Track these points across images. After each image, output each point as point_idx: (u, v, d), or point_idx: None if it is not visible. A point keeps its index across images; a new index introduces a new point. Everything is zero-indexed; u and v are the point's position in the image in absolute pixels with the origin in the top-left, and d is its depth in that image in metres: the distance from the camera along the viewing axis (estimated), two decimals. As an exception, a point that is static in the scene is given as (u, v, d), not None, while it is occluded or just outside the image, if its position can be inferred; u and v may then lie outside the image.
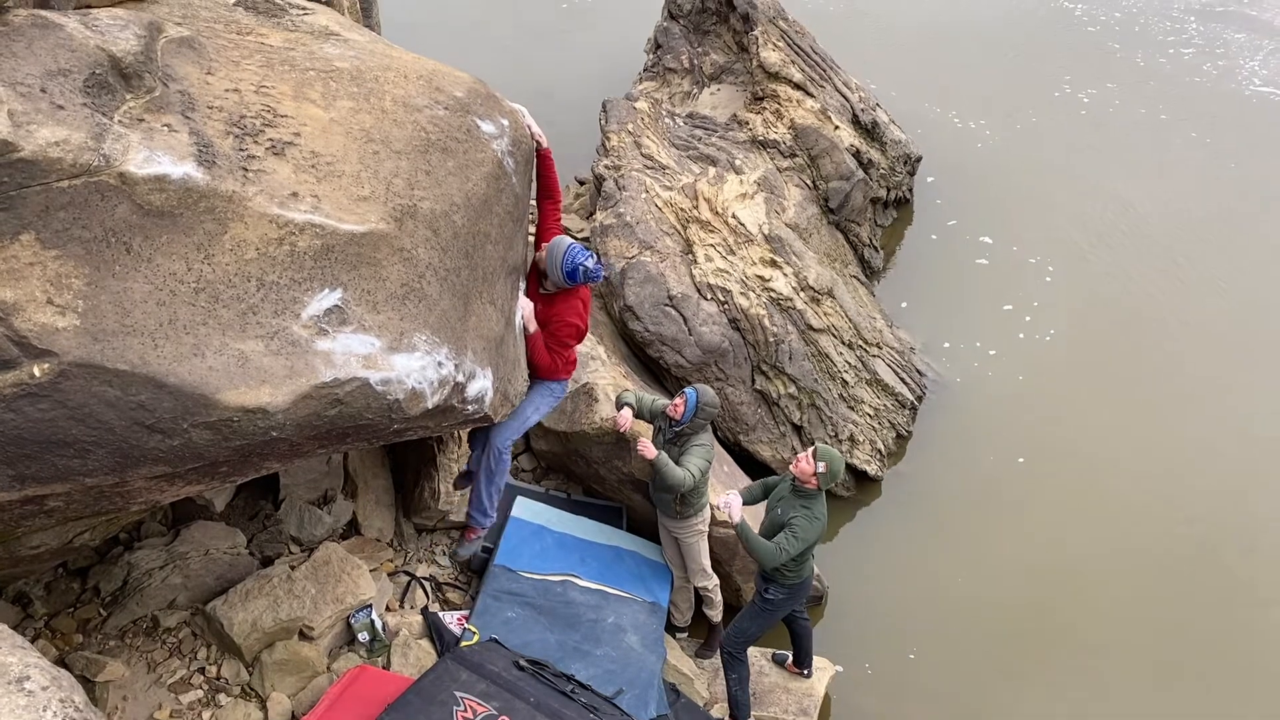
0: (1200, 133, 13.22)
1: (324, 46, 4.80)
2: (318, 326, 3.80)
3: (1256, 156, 12.81)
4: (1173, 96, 13.92)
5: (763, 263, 8.61)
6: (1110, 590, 8.12)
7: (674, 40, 12.08)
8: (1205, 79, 14.32)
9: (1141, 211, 11.99)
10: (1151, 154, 12.89)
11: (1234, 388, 9.83)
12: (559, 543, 7.12)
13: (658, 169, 9.37)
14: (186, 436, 3.63)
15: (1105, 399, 9.67)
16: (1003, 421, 9.45)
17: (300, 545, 6.64)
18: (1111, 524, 8.56)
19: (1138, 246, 11.49)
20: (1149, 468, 9.00)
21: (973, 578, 8.21)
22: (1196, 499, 8.74)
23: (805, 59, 11.08)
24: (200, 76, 4.09)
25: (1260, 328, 10.51)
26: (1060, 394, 9.71)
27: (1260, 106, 13.76)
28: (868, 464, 8.68)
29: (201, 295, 3.63)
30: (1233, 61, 14.75)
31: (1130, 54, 14.87)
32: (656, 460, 6.34)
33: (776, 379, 8.39)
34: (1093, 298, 10.78)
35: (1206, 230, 11.77)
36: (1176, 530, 8.50)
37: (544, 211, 5.45)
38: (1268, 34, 15.64)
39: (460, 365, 4.22)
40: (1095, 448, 9.17)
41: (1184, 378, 9.90)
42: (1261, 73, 14.50)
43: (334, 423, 3.89)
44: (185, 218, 3.62)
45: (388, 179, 4.20)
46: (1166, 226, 11.80)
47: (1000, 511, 8.70)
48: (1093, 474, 8.95)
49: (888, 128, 11.33)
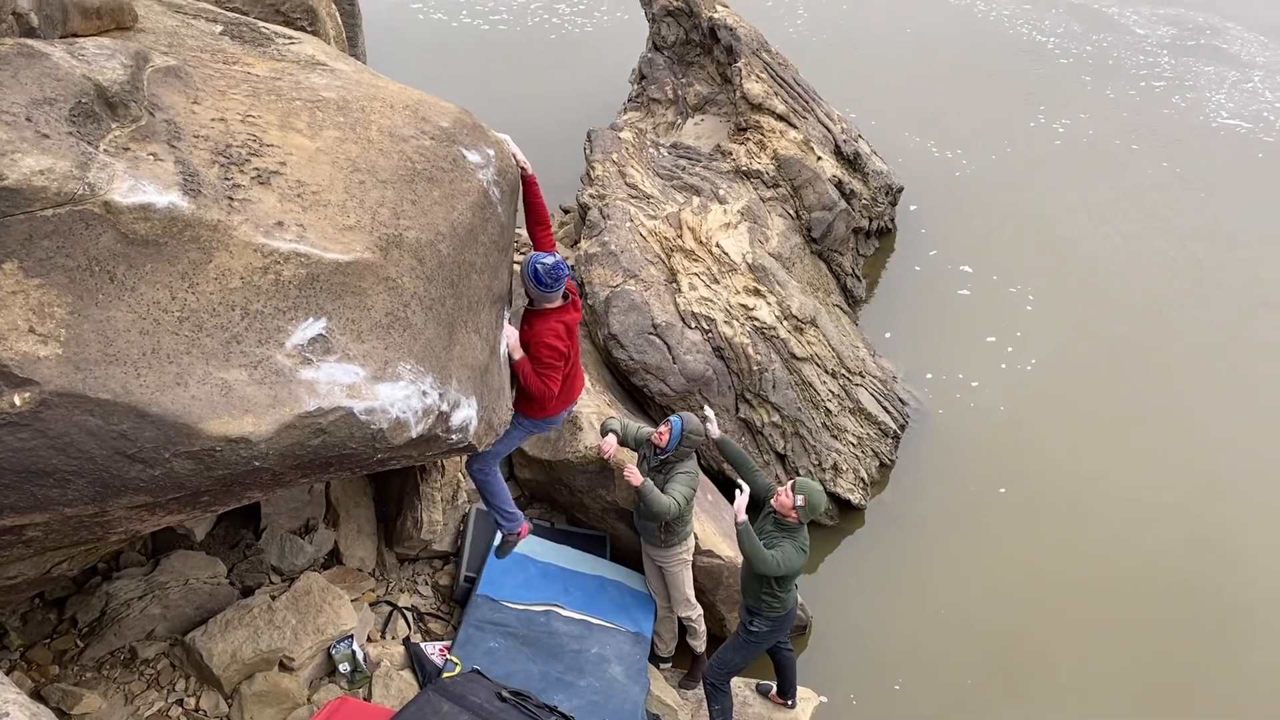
0: (1171, 162, 13.50)
1: (310, 76, 4.82)
2: (302, 356, 3.79)
3: (1225, 187, 13.10)
4: (1144, 128, 14.21)
5: (746, 291, 8.65)
6: (1092, 619, 8.14)
7: (658, 71, 12.19)
8: (1174, 111, 14.63)
9: (1117, 240, 12.18)
10: (1125, 184, 13.14)
11: (1213, 416, 9.93)
12: (542, 572, 7.09)
13: (642, 198, 9.42)
14: (168, 466, 3.61)
15: (1085, 428, 9.75)
16: (984, 451, 9.50)
17: (281, 575, 6.58)
18: (1092, 553, 8.60)
19: (1114, 275, 11.65)
20: (1129, 496, 9.07)
21: (956, 607, 8.22)
22: (1177, 527, 8.81)
23: (788, 90, 11.19)
24: (186, 106, 4.10)
25: (1236, 355, 10.65)
26: (1041, 424, 9.78)
27: (1227, 139, 14.07)
28: (851, 493, 8.69)
29: (185, 324, 3.61)
30: (1200, 94, 15.10)
31: (1101, 87, 15.18)
32: (642, 487, 6.34)
33: (760, 407, 8.41)
34: (1072, 326, 10.90)
35: (1181, 259, 11.95)
36: (1157, 559, 8.55)
37: (538, 239, 5.46)
38: (1234, 66, 16.01)
39: (445, 394, 4.21)
40: (1075, 478, 9.24)
41: (1162, 406, 10.01)
42: (1228, 105, 14.82)
43: (317, 452, 3.86)
44: (170, 247, 3.61)
45: (373, 208, 4.20)
46: (1141, 255, 12.00)
47: (982, 541, 8.72)
48: (1073, 504, 9.01)
49: (870, 159, 11.44)
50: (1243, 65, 16.17)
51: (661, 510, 6.34)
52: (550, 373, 5.16)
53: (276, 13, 7.82)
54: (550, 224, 5.49)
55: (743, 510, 5.94)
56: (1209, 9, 18.06)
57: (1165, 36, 16.99)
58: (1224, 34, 17.20)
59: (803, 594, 7.63)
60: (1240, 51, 16.65)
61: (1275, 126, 14.46)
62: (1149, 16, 17.72)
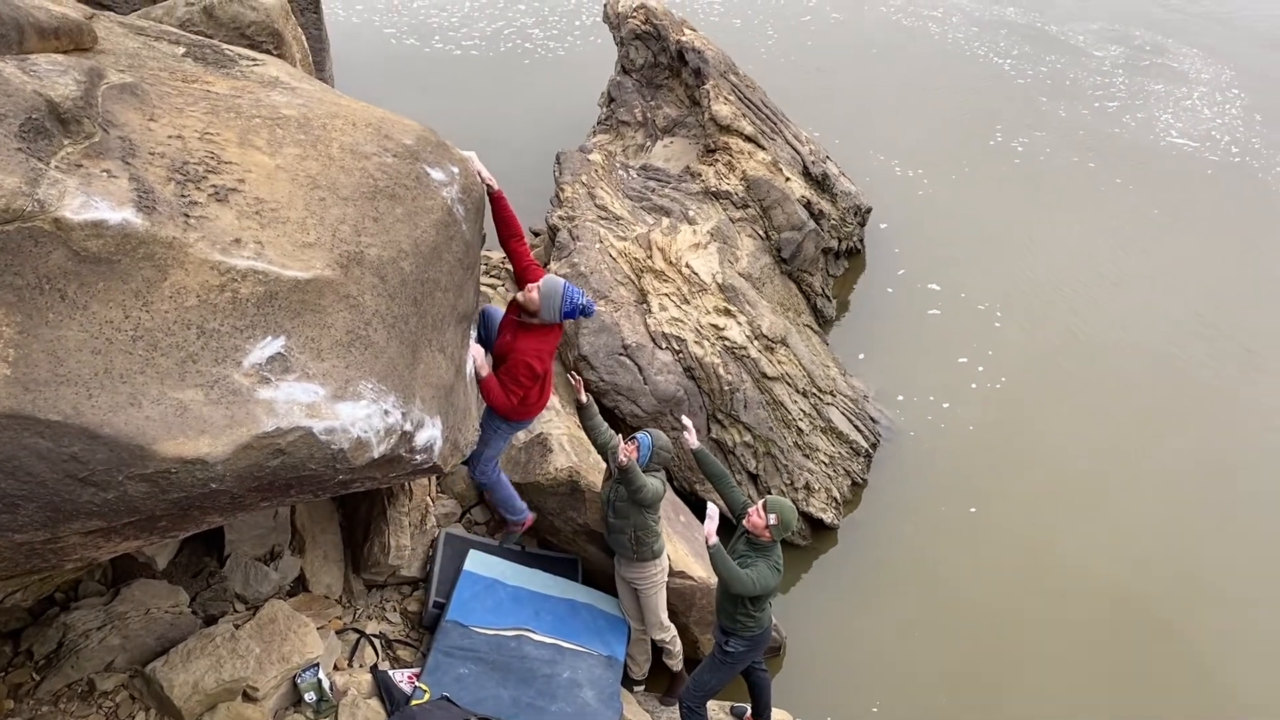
0: (1125, 179, 13.75)
1: (271, 94, 4.77)
2: (260, 375, 3.72)
3: (1177, 204, 13.34)
4: (1099, 146, 14.50)
5: (717, 311, 8.64)
6: (1064, 639, 8.12)
7: (627, 94, 12.21)
8: (1125, 130, 14.94)
9: (1077, 257, 12.33)
10: (1083, 200, 13.36)
11: (1181, 432, 10.01)
12: (513, 596, 6.99)
13: (611, 219, 9.40)
14: (122, 489, 3.52)
15: (1055, 447, 9.79)
16: (955, 471, 9.51)
17: (246, 603, 6.44)
18: (1062, 573, 8.60)
19: (1076, 291, 11.77)
20: (1098, 515, 9.09)
21: (931, 627, 8.18)
22: (1144, 549, 8.84)
23: (756, 112, 11.25)
24: (142, 123, 4.04)
25: (1200, 369, 10.75)
26: (1011, 443, 9.81)
27: (1177, 158, 14.37)
28: (824, 512, 8.65)
29: (139, 343, 3.54)
30: (1150, 114, 15.43)
31: (1056, 107, 15.47)
32: (630, 465, 6.25)
33: (732, 427, 8.37)
34: (1039, 343, 10.97)
35: (1139, 273, 12.12)
36: (1125, 583, 8.56)
37: (515, 252, 5.45)
38: (1182, 84, 16.39)
39: (408, 414, 4.15)
40: (1045, 497, 9.26)
41: (1130, 423, 10.06)
42: (1177, 125, 15.13)
43: (276, 474, 3.79)
44: (123, 264, 3.54)
45: (334, 225, 4.15)
46: (1103, 270, 12.14)
47: (955, 561, 8.71)
48: (1042, 524, 9.02)
49: (838, 179, 11.49)
50: (1189, 83, 16.57)
51: (642, 485, 6.24)
52: (516, 389, 5.14)
53: (241, 36, 7.75)
54: (524, 236, 5.47)
55: (714, 532, 5.88)
56: (1154, 28, 18.49)
57: (1119, 57, 17.33)
58: (1169, 52, 17.61)
59: (777, 615, 7.57)
60: (1188, 69, 17.05)
61: (1220, 144, 14.77)
62: (1097, 36, 18.09)
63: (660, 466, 6.51)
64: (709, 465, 6.62)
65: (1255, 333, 11.32)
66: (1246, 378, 10.72)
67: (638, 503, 6.37)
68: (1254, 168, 14.19)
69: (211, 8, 7.47)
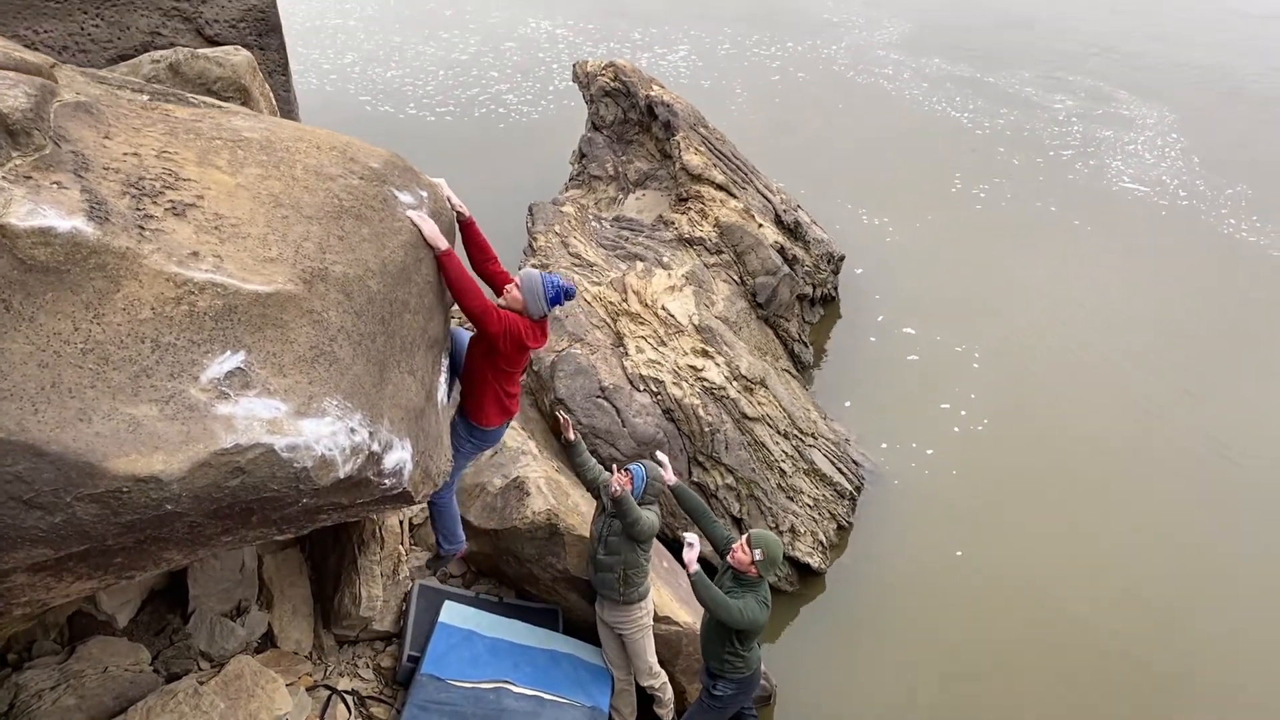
0: (1082, 221, 14.03)
1: (233, 119, 4.67)
2: (218, 390, 3.54)
3: (1132, 247, 13.64)
4: (1058, 192, 14.85)
5: (694, 353, 8.52)
6: (1051, 682, 7.97)
7: (598, 150, 12.26)
8: (1079, 177, 15.32)
9: (1049, 296, 12.50)
10: (1047, 242, 13.66)
11: (1159, 470, 9.96)
12: (491, 648, 6.71)
13: (585, 266, 9.32)
14: (70, 511, 3.31)
15: (1037, 488, 9.73)
16: (940, 515, 9.39)
17: (211, 660, 6.14)
18: (1048, 617, 8.46)
19: (1050, 329, 11.88)
20: (1082, 558, 8.98)
21: (921, 674, 7.99)
22: (1130, 589, 8.72)
23: (726, 163, 11.29)
24: (97, 140, 3.91)
25: (1172, 405, 10.75)
26: (994, 486, 9.73)
27: (1130, 202, 14.75)
28: (810, 556, 8.45)
29: (89, 357, 3.36)
30: (1102, 160, 15.89)
31: (1011, 156, 15.81)
32: (622, 496, 6.05)
33: (714, 469, 8.20)
34: (1019, 382, 10.96)
35: (1108, 312, 12.27)
36: (1112, 625, 8.42)
37: (492, 275, 5.36)
38: (1130, 129, 16.91)
39: (375, 434, 3.96)
40: (1029, 539, 9.15)
41: (1108, 464, 10.01)
42: (1127, 171, 15.51)
43: (236, 495, 3.58)
44: (73, 274, 3.38)
45: (297, 242, 4.01)
46: (1073, 309, 12.32)
47: (944, 606, 8.54)
48: (1028, 568, 8.90)
49: (809, 227, 11.52)
50: (1135, 128, 17.07)
51: (638, 518, 6.06)
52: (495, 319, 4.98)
53: (208, 92, 7.69)
54: (498, 258, 5.36)
55: (694, 560, 5.69)
56: (1097, 76, 19.20)
57: (1073, 107, 17.84)
58: (1114, 100, 18.16)
59: (766, 663, 7.33)
60: (1134, 115, 17.56)
61: (1169, 189, 15.10)
62: (1044, 86, 18.67)
63: (654, 499, 6.34)
64: (688, 500, 6.45)
65: (1219, 369, 11.39)
66: (1218, 414, 10.72)
67: (633, 536, 6.18)
68: (1200, 209, 14.53)
69: (178, 64, 7.39)
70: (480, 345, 5.27)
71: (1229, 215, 14.38)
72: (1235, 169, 15.75)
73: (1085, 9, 23.49)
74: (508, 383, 5.44)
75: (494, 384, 5.38)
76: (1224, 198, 14.87)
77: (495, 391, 5.40)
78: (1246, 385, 11.16)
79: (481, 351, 5.30)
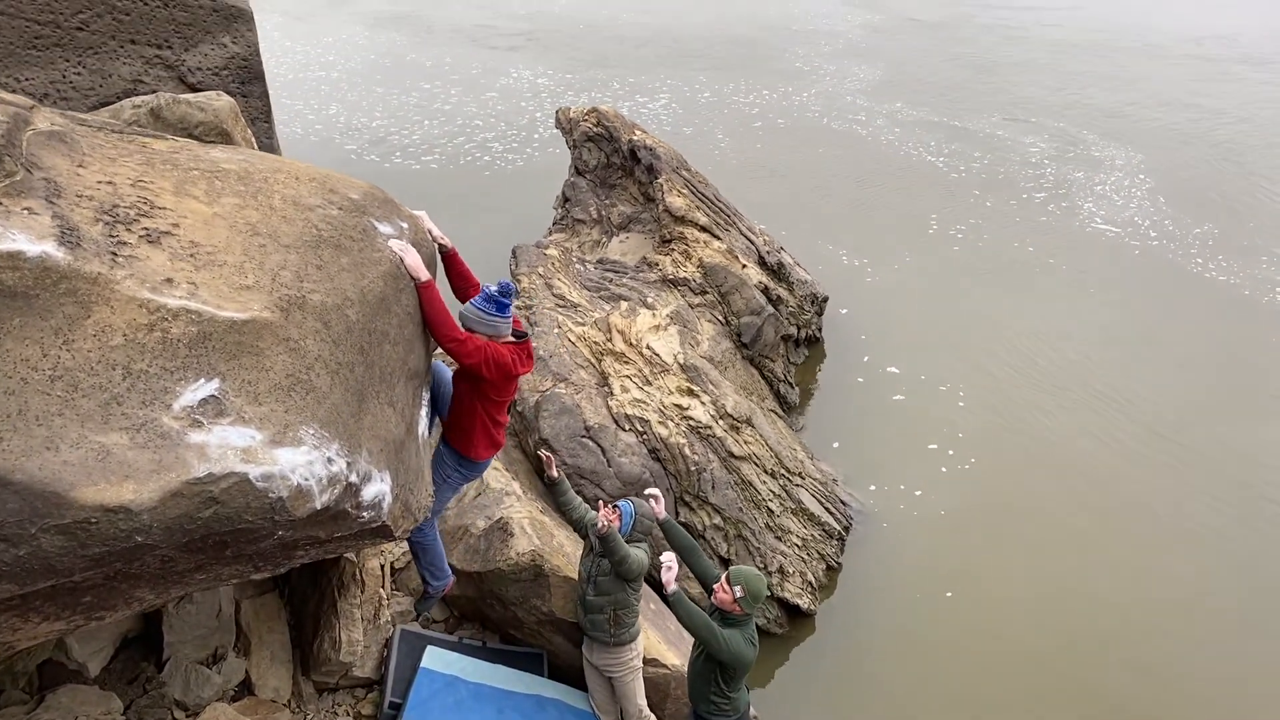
0: (1057, 260, 14.16)
1: (210, 151, 4.63)
2: (191, 418, 3.45)
3: (1107, 286, 13.76)
4: (1033, 233, 15.03)
5: (680, 391, 8.46)
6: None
7: (581, 194, 12.29)
8: (1052, 219, 15.52)
9: (1030, 334, 12.57)
10: (1026, 281, 13.82)
11: (1143, 503, 9.94)
12: (474, 694, 6.54)
13: (569, 307, 9.28)
14: (35, 544, 3.19)
15: (1024, 527, 9.67)
16: (929, 555, 9.31)
17: (186, 710, 5.96)
18: (1039, 659, 8.36)
19: (1033, 366, 11.94)
20: (1068, 596, 8.91)
21: (911, 718, 7.82)
22: (1118, 630, 8.63)
23: (709, 205, 11.33)
24: (70, 168, 3.86)
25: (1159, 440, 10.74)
26: (982, 526, 9.67)
27: (1103, 243, 14.97)
28: (800, 597, 8.32)
29: (58, 384, 3.27)
30: (1074, 202, 16.18)
31: (984, 198, 16.07)
32: (609, 533, 5.91)
33: (701, 509, 8.09)
34: (1005, 420, 10.97)
35: (1089, 348, 12.36)
36: (1101, 666, 8.31)
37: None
38: (1100, 171, 17.21)
39: (353, 464, 3.86)
40: (1018, 580, 9.08)
41: (1095, 504, 9.97)
42: (1099, 213, 15.74)
43: (209, 526, 3.47)
44: (42, 299, 3.30)
45: (274, 270, 3.95)
46: (1054, 346, 12.39)
47: (934, 648, 8.42)
48: (1018, 608, 8.81)
49: (793, 269, 11.53)
50: (1105, 169, 17.38)
51: (625, 555, 5.91)
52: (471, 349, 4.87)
53: (190, 136, 7.69)
54: (480, 285, 5.29)
55: (672, 580, 5.56)
56: (1064, 119, 19.57)
57: (1045, 151, 18.18)
58: (1082, 142, 18.52)
59: (756, 706, 7.17)
60: (1102, 156, 17.87)
61: (1140, 229, 15.30)
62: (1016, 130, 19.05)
63: (643, 536, 6.21)
64: (677, 537, 6.34)
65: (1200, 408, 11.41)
66: (1204, 451, 10.71)
67: (621, 575, 6.05)
68: (1170, 249, 14.71)
69: (159, 109, 7.36)
70: (466, 376, 5.19)
71: (1196, 255, 14.57)
72: (1201, 209, 16.00)
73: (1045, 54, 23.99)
74: (496, 412, 5.36)
75: (483, 414, 5.29)
76: (1192, 237, 15.10)
77: (484, 421, 5.31)
78: (1225, 425, 11.16)
79: (468, 383, 5.22)
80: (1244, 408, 11.46)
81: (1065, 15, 26.56)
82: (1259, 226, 15.54)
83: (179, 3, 7.69)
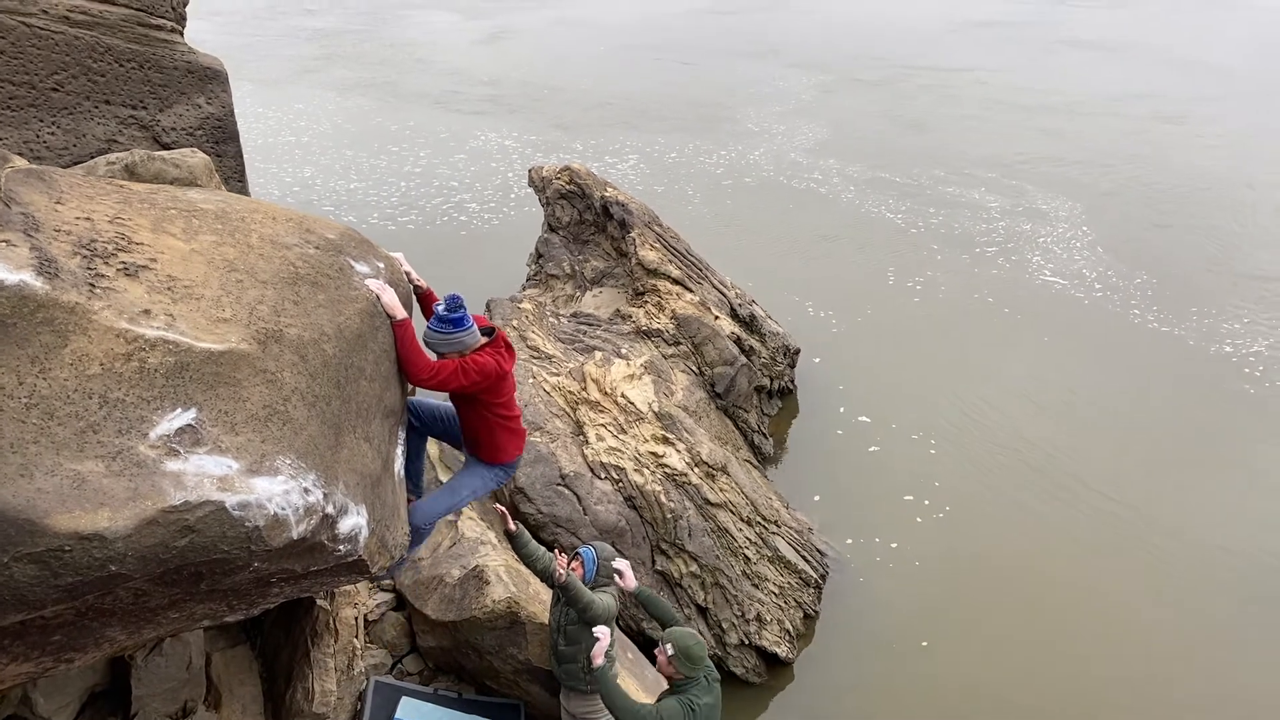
0: (1012, 309, 14.43)
1: (188, 192, 4.68)
2: (167, 447, 3.44)
3: (1061, 336, 14.07)
4: (988, 285, 15.38)
5: (655, 439, 8.48)
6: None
7: (555, 250, 12.42)
8: (1002, 271, 15.87)
9: (993, 381, 12.71)
10: (985, 331, 14.08)
11: (1116, 547, 9.99)
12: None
13: (544, 358, 9.32)
14: (8, 573, 3.16)
15: (996, 575, 9.68)
16: (905, 605, 9.31)
17: (152, 765, 5.82)
18: (1012, 708, 8.33)
19: (998, 412, 12.05)
20: (1042, 643, 8.91)
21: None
22: (1092, 676, 8.64)
23: (681, 259, 11.47)
24: (48, 204, 3.89)
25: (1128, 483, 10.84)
26: (955, 575, 9.70)
27: (1051, 295, 15.33)
28: (778, 646, 8.27)
29: (34, 411, 3.26)
30: (1023, 255, 16.54)
31: (937, 252, 16.50)
32: (569, 581, 5.84)
33: (677, 558, 8.06)
34: (976, 466, 11.02)
35: (1051, 394, 12.50)
36: (1077, 711, 8.29)
37: None
38: (1045, 223, 17.76)
39: (330, 496, 3.86)
40: (993, 629, 9.08)
41: (1068, 543, 10.04)
42: (1047, 266, 16.11)
43: (185, 556, 3.45)
44: (19, 328, 3.31)
45: (251, 305, 3.98)
46: (1018, 392, 12.53)
47: (911, 698, 8.38)
48: (994, 657, 8.80)
49: (765, 320, 11.66)
50: (1050, 221, 17.84)
51: (590, 602, 5.83)
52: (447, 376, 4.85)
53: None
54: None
55: (601, 652, 5.45)
56: (1008, 172, 20.07)
57: (1005, 204, 18.54)
58: (1025, 194, 19.08)
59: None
60: (1046, 208, 18.37)
61: (1087, 280, 15.65)
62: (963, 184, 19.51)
63: (609, 580, 6.16)
64: (654, 607, 6.19)
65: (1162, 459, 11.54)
66: (1175, 500, 10.81)
67: (588, 622, 5.98)
68: (1113, 300, 15.02)
69: (133, 165, 7.40)
70: (461, 398, 5.21)
71: (1135, 305, 14.89)
72: (1137, 260, 16.40)
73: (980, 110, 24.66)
74: (505, 411, 5.33)
75: (494, 421, 5.29)
76: (1132, 288, 15.45)
77: (498, 425, 5.31)
78: (1183, 473, 11.26)
79: (464, 403, 5.24)
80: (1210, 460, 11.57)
81: (992, 75, 27.53)
82: (1185, 276, 15.98)
83: (154, 64, 7.76)
